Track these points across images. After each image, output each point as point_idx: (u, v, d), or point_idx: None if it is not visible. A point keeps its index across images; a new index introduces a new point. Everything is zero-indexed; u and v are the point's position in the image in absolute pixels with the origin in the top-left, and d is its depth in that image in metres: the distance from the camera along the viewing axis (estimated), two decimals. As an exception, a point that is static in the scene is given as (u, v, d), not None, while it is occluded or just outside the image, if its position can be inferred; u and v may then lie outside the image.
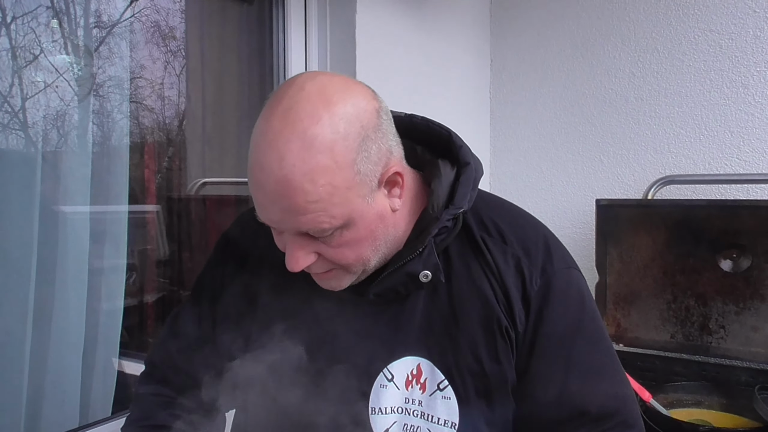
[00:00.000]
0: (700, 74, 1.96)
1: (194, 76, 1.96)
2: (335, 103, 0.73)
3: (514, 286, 0.85)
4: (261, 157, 0.73)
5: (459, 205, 0.84)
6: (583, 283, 0.90)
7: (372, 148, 0.75)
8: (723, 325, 1.78)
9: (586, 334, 0.86)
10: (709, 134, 1.95)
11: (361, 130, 0.74)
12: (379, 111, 0.78)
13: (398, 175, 0.80)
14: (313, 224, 0.75)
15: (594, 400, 0.84)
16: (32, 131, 1.31)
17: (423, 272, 0.82)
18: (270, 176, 0.72)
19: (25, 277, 1.22)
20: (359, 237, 0.79)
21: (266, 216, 0.77)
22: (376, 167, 0.77)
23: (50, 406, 1.28)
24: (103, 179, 1.39)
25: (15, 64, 1.27)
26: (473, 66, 2.23)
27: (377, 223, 0.80)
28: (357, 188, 0.75)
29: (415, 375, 0.85)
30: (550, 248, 0.88)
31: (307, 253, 0.79)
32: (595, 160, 2.14)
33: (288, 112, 0.73)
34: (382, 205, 0.80)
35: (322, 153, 0.71)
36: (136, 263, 1.80)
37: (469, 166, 0.87)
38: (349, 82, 0.79)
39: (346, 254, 0.80)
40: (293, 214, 0.74)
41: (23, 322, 1.21)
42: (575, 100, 2.17)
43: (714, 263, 1.78)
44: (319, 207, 0.73)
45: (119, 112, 1.46)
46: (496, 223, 0.89)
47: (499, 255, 0.86)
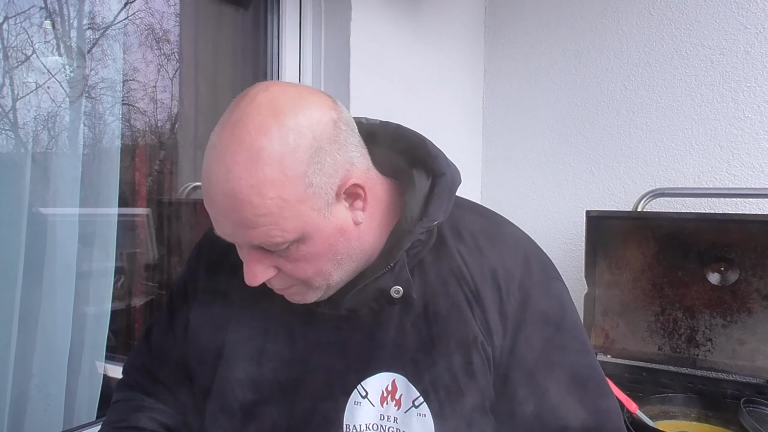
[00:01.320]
0: (691, 88, 1.98)
1: (188, 79, 1.95)
2: (285, 114, 0.72)
3: (491, 301, 0.83)
4: (210, 169, 0.72)
5: (433, 217, 0.82)
6: (565, 294, 0.88)
7: (326, 160, 0.73)
8: (710, 337, 1.79)
9: (566, 348, 0.84)
10: (699, 148, 1.97)
11: (313, 142, 0.72)
12: (336, 122, 0.76)
13: (358, 188, 0.78)
14: (264, 238, 0.73)
15: (575, 415, 0.82)
16: (23, 132, 1.30)
17: (394, 287, 0.81)
18: (218, 189, 0.71)
19: (11, 278, 1.21)
20: (317, 251, 0.77)
21: (220, 230, 0.76)
22: (331, 180, 0.74)
23: (34, 410, 1.26)
24: (94, 182, 1.39)
25: (6, 65, 1.26)
26: (466, 75, 2.24)
27: (337, 236, 0.78)
28: (310, 201, 0.73)
29: (390, 391, 0.83)
30: (529, 259, 0.86)
31: (266, 267, 0.78)
32: (586, 171, 2.15)
33: (237, 124, 0.71)
34: (343, 219, 0.78)
35: (270, 165, 0.70)
36: (124, 266, 1.79)
37: (445, 176, 0.85)
38: (305, 92, 0.77)
39: (304, 268, 0.78)
40: (243, 228, 0.72)
41: (8, 324, 1.20)
42: (567, 112, 2.19)
43: (702, 276, 1.79)
44: (269, 221, 0.72)
45: (111, 115, 1.46)
46: (473, 233, 0.87)
47: (475, 267, 0.84)
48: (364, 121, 0.87)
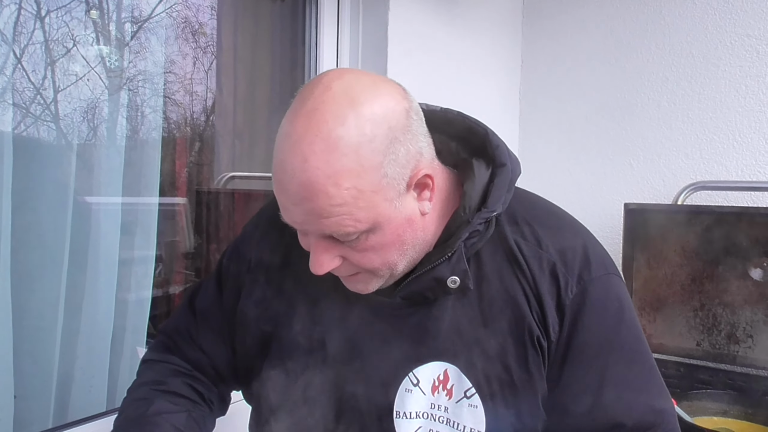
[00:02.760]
0: (736, 80, 1.92)
1: (226, 70, 1.98)
2: (362, 104, 0.71)
3: (549, 294, 0.81)
4: (284, 158, 0.71)
5: (492, 208, 0.81)
6: (623, 291, 0.86)
7: (400, 151, 0.73)
8: (751, 334, 1.75)
9: (623, 345, 0.82)
10: (743, 141, 1.92)
11: (388, 132, 0.72)
12: (408, 111, 0.75)
13: (428, 178, 0.77)
14: (337, 228, 0.73)
15: (630, 413, 0.80)
16: (64, 123, 1.33)
17: (451, 278, 0.80)
18: (293, 178, 0.70)
19: (57, 264, 1.25)
20: (386, 241, 0.76)
21: (289, 217, 0.75)
22: (404, 170, 0.74)
23: (79, 390, 1.30)
24: (135, 171, 1.42)
25: (48, 57, 1.29)
26: (504, 67, 2.22)
27: (405, 227, 0.77)
28: (384, 192, 0.73)
29: (441, 381, 0.83)
30: (588, 254, 0.83)
31: (332, 256, 0.77)
32: (624, 164, 2.12)
33: (313, 113, 0.71)
34: (411, 209, 0.77)
35: (347, 155, 0.69)
36: (163, 255, 1.83)
37: (505, 167, 0.83)
38: (378, 80, 0.76)
39: (372, 258, 0.78)
40: (317, 217, 0.72)
41: (55, 308, 1.24)
42: (606, 104, 2.15)
43: (744, 271, 1.75)
44: (343, 210, 0.71)
45: (150, 107, 1.48)
46: (532, 226, 0.85)
47: (534, 260, 0.82)
48: (424, 107, 0.85)
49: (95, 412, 1.29)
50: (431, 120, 0.83)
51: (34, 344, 1.22)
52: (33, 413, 1.22)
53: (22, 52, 1.26)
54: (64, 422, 1.24)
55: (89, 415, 1.27)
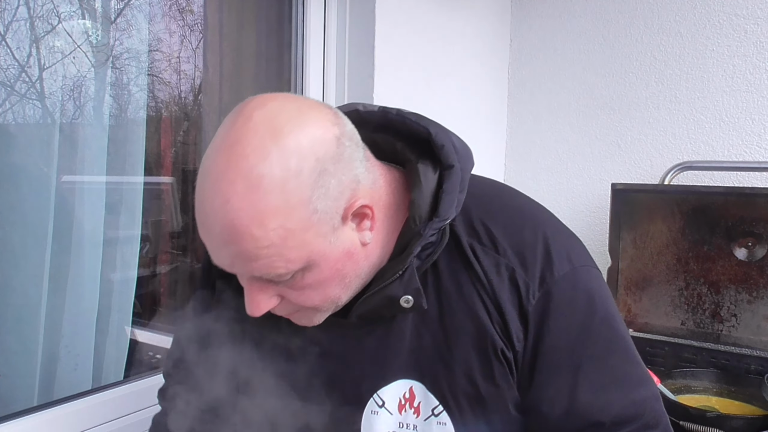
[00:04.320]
0: (724, 59, 1.92)
1: (213, 48, 1.95)
2: (285, 135, 0.65)
3: (509, 303, 0.76)
4: (205, 199, 0.66)
5: (444, 216, 0.75)
6: (594, 281, 0.81)
7: (331, 183, 0.67)
8: (735, 313, 1.77)
9: (596, 340, 0.78)
10: (730, 121, 1.93)
11: (316, 164, 0.66)
12: (339, 138, 0.69)
13: (366, 208, 0.72)
14: (267, 270, 0.68)
15: (607, 410, 0.77)
16: (49, 102, 1.32)
17: (404, 297, 0.75)
18: (215, 221, 0.65)
19: (41, 243, 1.24)
20: (324, 278, 0.72)
21: (217, 260, 0.70)
22: (337, 202, 0.69)
23: (64, 369, 1.30)
24: (120, 150, 1.40)
25: (32, 34, 1.27)
26: (492, 46, 2.21)
27: (344, 261, 0.72)
28: (315, 228, 0.67)
29: (407, 399, 0.79)
30: (550, 251, 0.78)
31: (269, 296, 0.73)
32: (612, 144, 2.12)
33: (233, 147, 0.65)
34: (350, 241, 0.72)
35: (272, 193, 0.64)
36: (149, 234, 1.82)
37: (453, 169, 0.77)
38: (305, 107, 0.70)
39: (311, 296, 0.73)
40: (244, 260, 0.67)
41: (39, 286, 1.23)
42: (594, 83, 2.15)
43: (729, 251, 1.76)
44: (272, 252, 0.66)
45: (136, 85, 1.47)
46: (488, 226, 0.79)
47: (491, 268, 0.77)
48: (361, 108, 0.81)
49: (81, 390, 1.29)
50: (371, 121, 0.80)
51: (18, 323, 1.22)
52: (18, 391, 1.22)
53: (6, 29, 1.24)
54: (50, 400, 1.23)
55: (75, 393, 1.27)
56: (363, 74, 1.67)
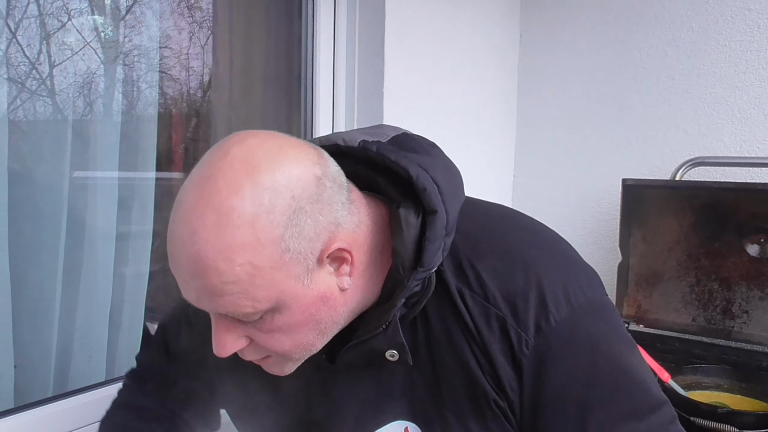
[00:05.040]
0: (736, 54, 1.91)
1: (222, 45, 1.96)
2: (261, 172, 0.63)
3: (501, 354, 0.73)
4: (174, 229, 0.65)
5: (428, 266, 0.71)
6: (596, 318, 0.76)
7: (306, 222, 0.65)
8: (746, 310, 1.76)
9: (602, 380, 0.74)
10: (742, 116, 1.91)
11: (291, 202, 0.64)
12: (320, 179, 0.67)
13: (345, 252, 0.69)
14: (233, 308, 0.65)
15: None
16: (60, 99, 1.33)
17: (389, 351, 0.73)
18: (182, 252, 0.64)
19: (55, 237, 1.25)
20: (295, 321, 0.68)
21: (185, 294, 0.68)
22: (312, 244, 0.66)
23: (78, 361, 1.32)
24: (131, 146, 1.41)
25: (43, 31, 1.28)
26: (502, 40, 2.20)
27: (319, 305, 0.69)
28: (286, 268, 0.65)
29: None
30: (545, 296, 0.73)
31: (237, 337, 0.70)
32: (622, 139, 2.11)
33: (206, 180, 0.64)
34: (327, 285, 0.69)
35: (240, 228, 0.62)
36: (160, 229, 1.83)
37: (437, 214, 0.72)
38: (285, 146, 0.67)
39: (281, 341, 0.70)
40: (209, 295, 0.65)
41: (53, 280, 1.25)
42: (605, 78, 2.14)
43: (740, 247, 1.75)
44: (237, 289, 0.63)
45: (145, 82, 1.48)
46: (477, 270, 0.75)
47: (481, 318, 0.73)
48: (341, 143, 0.78)
49: (95, 381, 1.31)
50: (351, 155, 0.76)
51: (33, 315, 1.23)
52: (33, 383, 1.24)
53: (17, 27, 1.25)
54: (64, 391, 1.25)
55: (89, 384, 1.28)
56: (373, 69, 1.67)
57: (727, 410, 1.43)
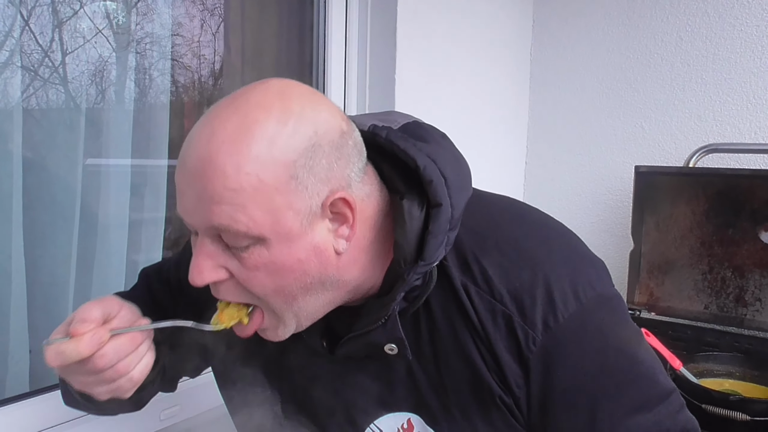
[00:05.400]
0: (752, 39, 1.88)
1: (234, 32, 1.96)
2: (293, 101, 0.65)
3: (507, 351, 0.72)
4: (193, 131, 0.65)
5: (429, 260, 0.70)
6: (605, 313, 0.75)
7: (321, 163, 0.64)
8: (759, 297, 1.75)
9: (611, 374, 0.73)
10: (758, 102, 1.89)
11: (313, 136, 0.64)
12: (345, 134, 0.67)
13: (347, 207, 0.67)
14: (226, 220, 0.63)
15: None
16: (72, 86, 1.33)
17: (388, 345, 0.72)
18: (194, 151, 0.63)
19: (69, 224, 1.26)
20: (282, 263, 0.65)
21: (182, 205, 0.67)
22: (320, 186, 0.65)
23: (92, 347, 1.33)
24: (144, 134, 1.42)
25: (55, 19, 1.29)
26: (515, 28, 2.18)
27: (310, 255, 0.66)
28: (289, 196, 0.63)
29: (405, 429, 0.77)
30: (552, 293, 0.72)
31: (216, 265, 0.66)
32: (636, 126, 2.09)
33: (240, 95, 0.65)
34: (322, 239, 0.67)
35: (258, 141, 0.62)
36: (173, 216, 1.84)
37: (441, 208, 0.70)
38: (322, 96, 0.69)
39: (262, 282, 0.66)
40: (207, 201, 0.63)
41: (67, 266, 1.26)
42: (618, 65, 2.12)
43: (754, 235, 1.74)
44: (237, 199, 0.62)
45: (157, 69, 1.48)
46: (482, 265, 0.73)
47: (487, 314, 0.72)
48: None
49: (108, 366, 1.32)
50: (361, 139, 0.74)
51: (47, 301, 1.25)
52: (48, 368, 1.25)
53: (30, 15, 1.26)
54: (79, 376, 1.26)
55: (102, 371, 1.30)
56: (385, 56, 1.66)
57: (739, 398, 1.43)
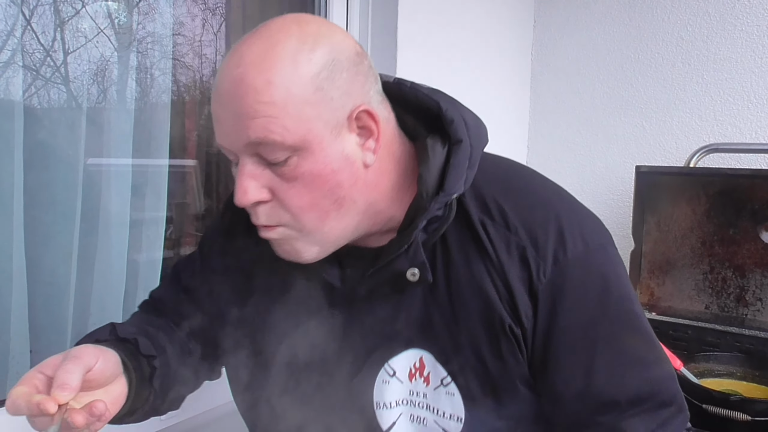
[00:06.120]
0: (753, 39, 1.88)
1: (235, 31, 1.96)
2: (310, 25, 0.72)
3: (519, 281, 0.76)
4: (223, 63, 0.72)
5: (450, 191, 0.75)
6: (609, 262, 0.80)
7: (342, 76, 0.71)
8: (760, 297, 1.75)
9: (612, 320, 0.77)
10: (759, 102, 1.89)
11: (331, 52, 0.71)
12: (361, 54, 0.74)
13: (372, 120, 0.73)
14: (263, 132, 0.69)
15: (623, 389, 0.77)
16: (74, 86, 1.33)
17: (410, 270, 0.76)
18: (227, 77, 0.70)
19: (69, 224, 1.26)
20: (317, 171, 0.71)
21: (220, 130, 0.73)
22: (343, 99, 0.71)
23: (93, 346, 1.33)
24: (145, 133, 1.42)
25: (57, 19, 1.29)
26: (516, 27, 2.18)
27: (342, 164, 0.72)
28: (317, 107, 0.70)
29: (417, 368, 0.80)
30: (563, 231, 0.77)
31: (259, 186, 0.73)
32: (636, 126, 2.09)
33: (260, 28, 0.72)
34: (351, 149, 0.73)
35: (283, 59, 0.69)
36: (174, 216, 1.85)
37: (462, 144, 0.77)
38: (335, 24, 0.77)
39: (300, 193, 0.72)
40: (243, 118, 0.69)
41: (68, 266, 1.26)
42: (619, 64, 2.12)
43: (755, 235, 1.74)
44: (270, 111, 0.68)
45: (159, 69, 1.48)
46: (499, 203, 0.79)
47: (501, 245, 0.77)
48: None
49: (109, 366, 1.32)
50: (386, 92, 0.80)
51: (48, 301, 1.25)
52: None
53: (31, 14, 1.26)
54: (80, 377, 1.26)
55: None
56: (386, 54, 1.66)
57: (740, 398, 1.43)
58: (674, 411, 0.80)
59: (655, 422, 0.78)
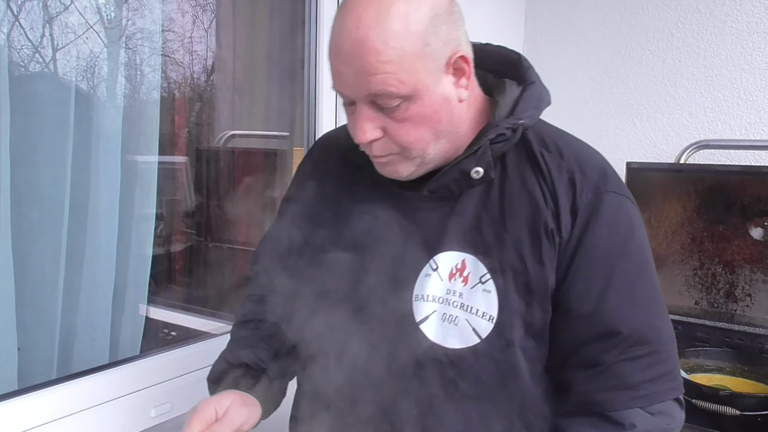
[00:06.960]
0: (743, 36, 1.89)
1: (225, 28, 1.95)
2: None
3: (564, 195, 0.86)
4: (341, 21, 0.81)
5: (519, 116, 0.87)
6: (637, 216, 0.90)
7: (442, 28, 0.81)
8: (750, 293, 1.76)
9: (631, 257, 0.86)
10: (748, 99, 1.90)
11: (433, 8, 0.80)
12: (452, 3, 0.84)
13: (465, 62, 0.84)
14: (382, 86, 0.79)
15: (628, 322, 0.83)
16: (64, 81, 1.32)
17: (475, 169, 0.86)
18: (347, 38, 0.79)
19: (58, 220, 1.25)
20: (423, 114, 0.83)
21: (341, 81, 0.83)
22: (444, 48, 0.82)
23: (82, 343, 1.32)
24: (134, 130, 1.41)
25: (46, 14, 1.27)
26: (507, 23, 2.18)
27: (442, 104, 0.84)
28: (425, 60, 0.80)
29: (459, 269, 0.88)
30: (606, 173, 0.89)
31: (375, 126, 0.84)
32: (627, 122, 2.10)
33: None
34: (449, 90, 0.84)
35: (396, 20, 0.78)
36: (164, 213, 1.84)
37: (535, 84, 0.91)
38: None
39: (408, 131, 0.84)
40: (364, 74, 0.79)
41: (56, 262, 1.24)
42: (610, 61, 2.12)
43: (744, 231, 1.75)
44: (389, 68, 0.78)
45: (149, 65, 1.47)
46: (557, 143, 0.91)
47: (554, 166, 0.88)
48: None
49: (98, 364, 1.32)
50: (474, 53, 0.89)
51: (36, 297, 1.23)
52: (36, 365, 1.24)
53: (20, 10, 1.24)
54: (68, 374, 1.26)
55: (92, 366, 1.29)
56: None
57: (729, 393, 1.44)
58: (666, 372, 0.85)
59: (649, 374, 0.84)
